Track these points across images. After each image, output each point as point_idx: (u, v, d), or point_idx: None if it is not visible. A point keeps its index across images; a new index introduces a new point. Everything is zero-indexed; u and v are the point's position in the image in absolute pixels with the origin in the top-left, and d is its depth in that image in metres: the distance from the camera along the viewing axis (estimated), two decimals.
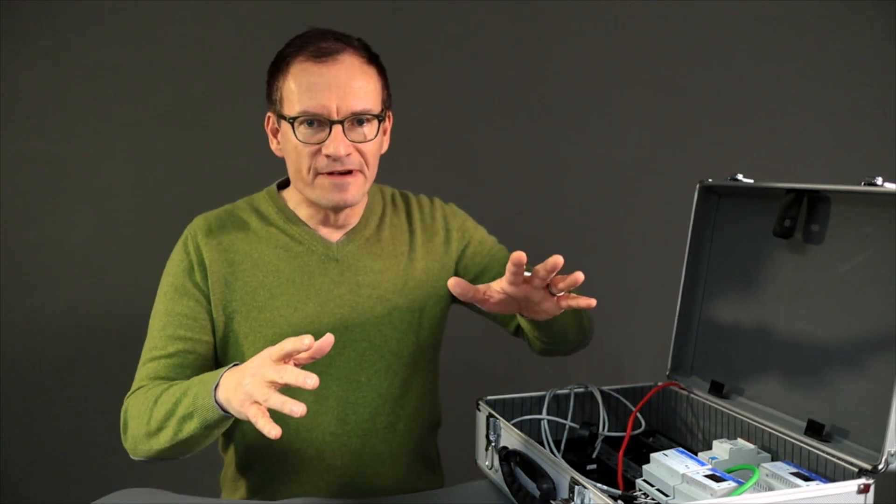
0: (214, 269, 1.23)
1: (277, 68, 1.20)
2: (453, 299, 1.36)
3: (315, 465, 1.24)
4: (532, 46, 1.99)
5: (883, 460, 0.91)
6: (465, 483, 1.21)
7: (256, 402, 0.92)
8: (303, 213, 1.28)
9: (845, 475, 0.95)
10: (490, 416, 1.17)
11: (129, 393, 1.21)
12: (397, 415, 1.29)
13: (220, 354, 1.26)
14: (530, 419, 1.25)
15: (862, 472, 0.93)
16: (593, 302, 0.99)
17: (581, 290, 2.05)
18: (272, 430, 0.88)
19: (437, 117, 1.98)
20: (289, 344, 0.92)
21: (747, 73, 2.02)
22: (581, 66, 2.01)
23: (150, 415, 1.11)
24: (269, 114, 1.24)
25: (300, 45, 1.18)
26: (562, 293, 1.03)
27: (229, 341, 1.25)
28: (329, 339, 0.93)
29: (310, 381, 0.88)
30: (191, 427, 1.05)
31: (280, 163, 1.34)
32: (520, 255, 0.97)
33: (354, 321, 1.25)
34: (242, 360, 1.19)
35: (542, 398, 1.26)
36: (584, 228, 2.04)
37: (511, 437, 1.11)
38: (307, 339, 0.90)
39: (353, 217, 1.29)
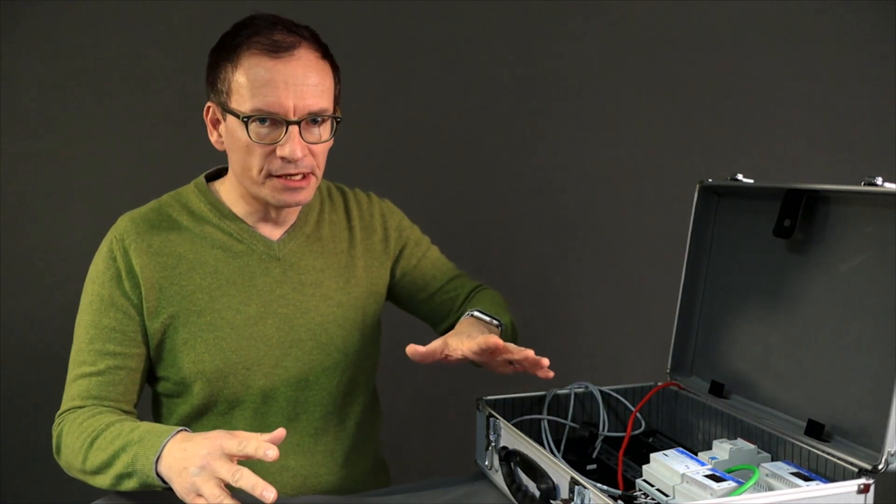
0: (146, 275, 1.17)
1: (224, 57, 1.13)
2: (387, 297, 1.37)
3: (267, 466, 1.16)
4: (531, 46, 1.99)
5: (883, 460, 0.91)
6: (465, 483, 1.21)
7: (201, 496, 0.91)
8: (241, 209, 1.22)
9: (845, 475, 0.95)
10: (490, 416, 1.17)
11: (61, 412, 1.17)
12: (347, 412, 1.28)
13: (156, 363, 1.20)
14: (530, 419, 1.25)
15: (862, 472, 0.93)
16: (550, 373, 1.04)
17: (581, 290, 2.06)
18: None
19: (435, 117, 1.98)
20: (251, 448, 0.90)
21: (747, 73, 2.01)
22: (581, 65, 2.01)
23: (86, 455, 1.07)
24: (209, 104, 1.18)
25: (250, 34, 1.11)
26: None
27: (165, 349, 1.19)
28: (280, 433, 0.93)
29: (270, 452, 0.88)
30: (130, 485, 1.03)
31: None
32: (495, 342, 1.03)
33: (299, 320, 1.23)
34: (180, 368, 1.18)
35: (542, 398, 1.26)
36: (583, 228, 2.04)
37: (511, 437, 1.11)
38: (271, 452, 0.88)
39: (292, 213, 1.26)
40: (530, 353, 1.03)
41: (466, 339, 1.08)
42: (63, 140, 1.85)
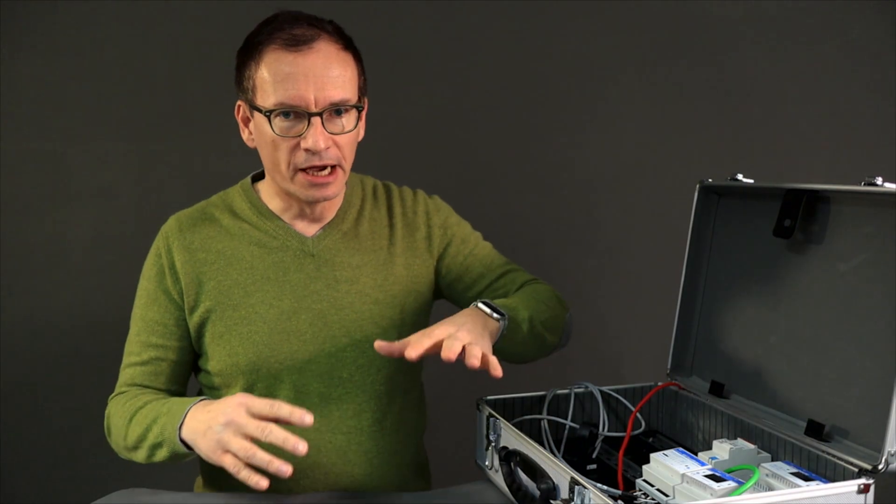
0: (186, 270, 1.22)
1: (248, 55, 1.16)
2: (435, 296, 1.35)
3: (300, 462, 1.18)
4: (531, 45, 1.99)
5: (883, 460, 0.91)
6: (465, 483, 1.21)
7: (229, 452, 0.94)
8: (277, 205, 1.26)
9: (845, 475, 0.95)
10: (490, 416, 1.17)
11: (112, 395, 1.25)
12: (384, 412, 1.27)
13: (198, 356, 1.26)
14: (530, 419, 1.25)
15: (862, 472, 0.93)
16: (499, 372, 1.01)
17: (581, 290, 2.05)
18: (261, 482, 0.90)
19: (435, 116, 1.98)
20: (285, 411, 0.94)
21: (747, 73, 2.02)
22: (580, 65, 2.01)
23: (127, 431, 1.15)
24: (239, 102, 1.21)
25: (272, 31, 1.14)
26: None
27: (204, 342, 1.23)
28: (309, 418, 0.96)
29: (301, 446, 0.91)
30: (162, 454, 1.09)
31: None
32: (448, 358, 1.00)
33: (333, 316, 1.23)
34: (217, 361, 1.22)
35: (542, 398, 1.26)
36: (583, 228, 2.04)
37: (511, 437, 1.11)
38: (308, 418, 0.93)
39: (330, 210, 1.27)
40: (451, 356, 0.99)
41: (425, 338, 1.04)
42: (63, 140, 1.85)
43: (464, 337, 1.03)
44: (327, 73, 1.12)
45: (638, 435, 1.26)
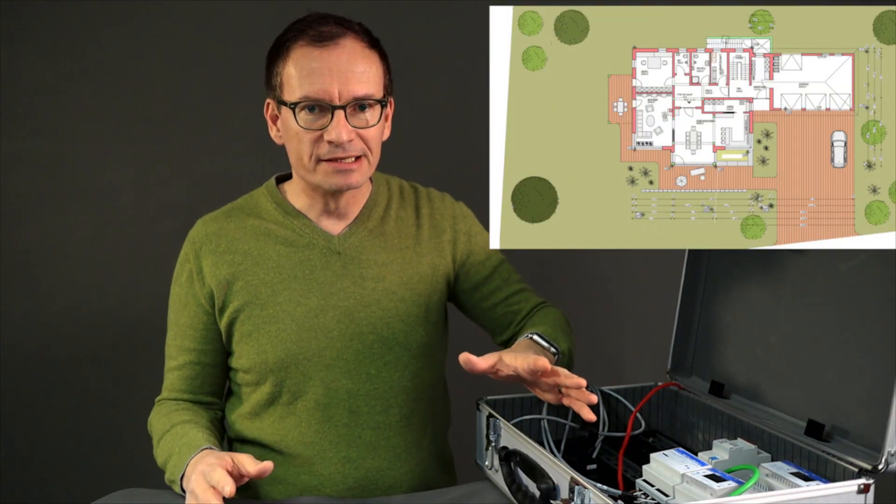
0: (213, 272, 1.24)
1: (277, 53, 1.19)
2: (448, 297, 1.37)
3: (330, 456, 1.24)
4: None
5: (883, 460, 0.91)
6: (466, 483, 1.21)
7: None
8: (302, 204, 1.27)
9: (845, 475, 0.95)
10: (490, 416, 1.17)
11: (157, 399, 1.30)
12: (411, 408, 1.28)
13: (230, 354, 1.28)
14: (530, 419, 1.25)
15: (862, 472, 0.93)
16: (593, 417, 1.05)
17: (581, 290, 2.05)
18: None
19: (437, 114, 1.98)
20: (249, 469, 1.02)
21: None
22: None
23: (157, 451, 1.21)
24: (268, 100, 1.24)
25: (300, 29, 1.17)
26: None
27: (234, 341, 1.26)
28: (268, 466, 1.02)
29: (227, 488, 0.98)
30: (176, 489, 1.14)
31: (280, 160, 1.34)
32: (543, 365, 1.04)
33: (360, 313, 1.25)
34: (246, 360, 1.25)
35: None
36: None
37: (511, 437, 1.11)
38: (228, 489, 0.98)
39: (354, 207, 1.29)
40: (582, 382, 1.03)
41: (520, 356, 1.08)
42: (63, 140, 1.85)
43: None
44: (352, 69, 1.16)
45: (638, 435, 1.26)
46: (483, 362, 1.07)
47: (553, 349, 1.21)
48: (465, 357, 1.06)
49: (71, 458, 1.91)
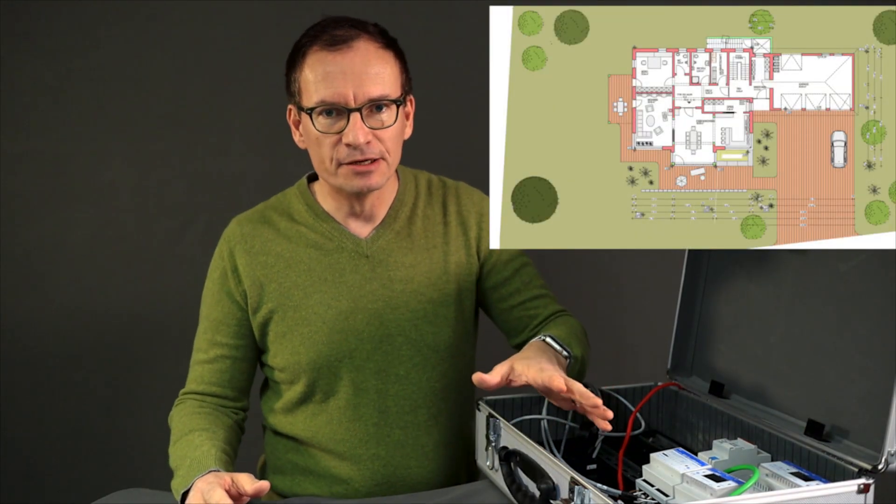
0: (248, 272, 1.27)
1: (294, 60, 1.21)
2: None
3: (360, 454, 1.27)
4: None
5: (883, 460, 0.91)
6: (465, 483, 1.21)
7: None
8: (329, 205, 1.29)
9: (845, 475, 0.95)
10: (490, 416, 1.17)
11: (182, 392, 1.30)
12: (439, 408, 1.30)
13: (262, 353, 1.31)
14: (530, 419, 1.25)
15: (862, 472, 0.93)
16: (608, 426, 1.03)
17: (580, 290, 2.05)
18: None
19: (437, 114, 1.97)
20: (247, 488, 1.03)
21: None
22: None
23: (171, 450, 1.20)
24: (290, 106, 1.25)
25: (314, 34, 1.19)
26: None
27: (268, 341, 1.28)
28: (265, 485, 1.03)
29: None
30: (178, 499, 1.12)
31: (281, 160, 1.34)
32: (559, 385, 1.02)
33: (389, 316, 1.26)
34: (280, 359, 1.28)
35: (542, 398, 1.25)
36: None
37: (511, 437, 1.11)
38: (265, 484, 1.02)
39: (381, 207, 1.30)
40: (597, 401, 1.01)
41: (534, 367, 1.08)
42: (63, 140, 1.85)
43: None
44: (366, 70, 1.17)
45: (638, 435, 1.26)
46: (494, 377, 1.07)
47: (566, 353, 1.20)
48: (478, 378, 1.07)
49: (71, 458, 1.91)
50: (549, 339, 1.21)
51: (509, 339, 1.39)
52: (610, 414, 1.02)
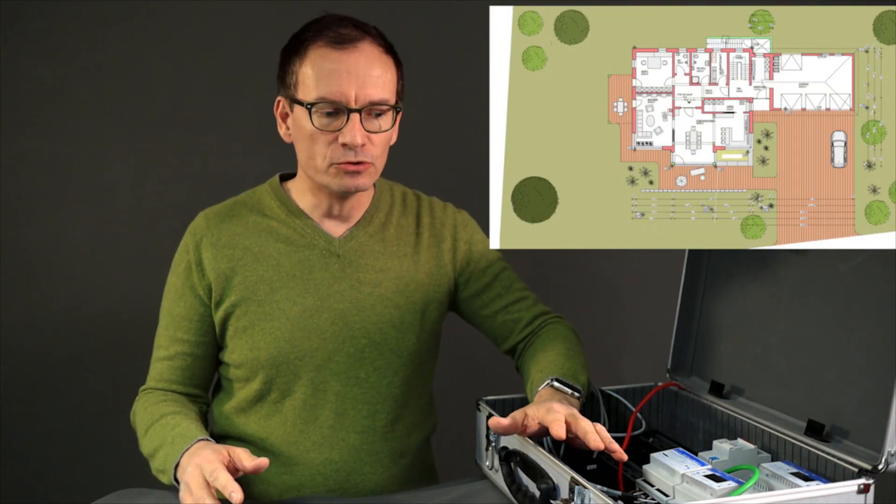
0: (213, 266, 1.25)
1: (294, 52, 1.20)
2: (450, 307, 1.37)
3: (313, 458, 1.24)
4: None
5: (883, 460, 0.91)
6: (465, 483, 1.21)
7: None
8: (306, 203, 1.28)
9: (845, 475, 0.95)
10: (490, 416, 1.17)
11: (141, 389, 1.29)
12: (397, 415, 1.29)
13: (221, 348, 1.28)
14: None
15: (862, 472, 0.93)
16: (624, 457, 1.01)
17: (580, 290, 2.05)
18: None
19: (437, 114, 1.98)
20: (245, 463, 1.00)
21: None
22: None
23: (142, 442, 1.20)
24: (279, 98, 1.24)
25: (318, 29, 1.18)
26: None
27: (227, 335, 1.26)
28: (264, 462, 1.01)
29: (236, 495, 0.94)
30: (167, 480, 1.11)
31: (280, 160, 1.34)
32: (557, 434, 0.99)
33: (354, 317, 1.25)
34: (238, 355, 1.25)
35: None
36: None
37: (511, 437, 1.11)
38: (236, 495, 0.95)
39: (358, 210, 1.29)
40: (601, 446, 1.00)
41: (543, 409, 1.05)
42: (63, 140, 1.85)
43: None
44: (369, 73, 1.17)
45: (638, 435, 1.26)
46: (506, 420, 1.05)
47: (576, 393, 1.16)
48: (495, 422, 1.06)
49: (71, 458, 1.91)
50: (556, 384, 1.16)
51: (498, 345, 1.38)
52: (624, 457, 1.01)
